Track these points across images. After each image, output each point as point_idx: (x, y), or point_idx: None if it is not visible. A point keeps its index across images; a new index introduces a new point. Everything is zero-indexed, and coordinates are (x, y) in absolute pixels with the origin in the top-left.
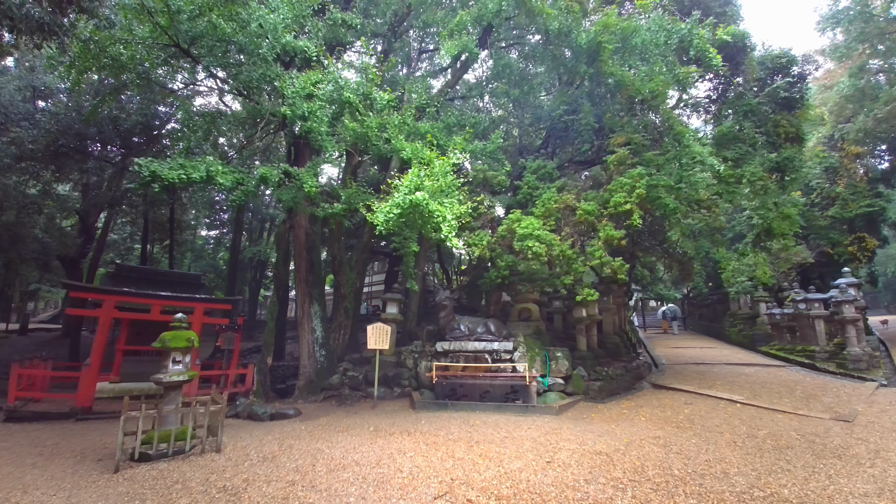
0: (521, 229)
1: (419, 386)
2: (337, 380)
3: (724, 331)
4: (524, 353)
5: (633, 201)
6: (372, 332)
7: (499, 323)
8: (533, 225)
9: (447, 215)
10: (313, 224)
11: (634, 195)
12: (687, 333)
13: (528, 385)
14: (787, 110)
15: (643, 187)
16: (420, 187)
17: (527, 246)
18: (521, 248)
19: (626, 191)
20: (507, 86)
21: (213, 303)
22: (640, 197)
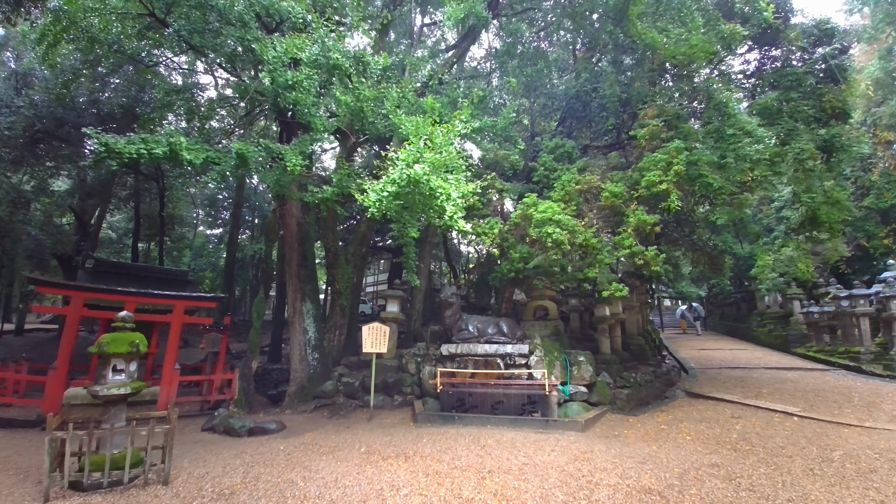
0: (538, 214)
1: (423, 394)
2: (331, 387)
3: (751, 331)
4: (541, 358)
5: (669, 180)
6: (368, 333)
7: (512, 323)
8: (552, 209)
9: (452, 192)
10: (306, 213)
11: (672, 173)
12: (709, 334)
13: (547, 395)
14: (832, 83)
15: (682, 163)
16: (420, 160)
17: (546, 233)
18: (540, 235)
19: (662, 168)
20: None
21: (195, 300)
22: (678, 175)
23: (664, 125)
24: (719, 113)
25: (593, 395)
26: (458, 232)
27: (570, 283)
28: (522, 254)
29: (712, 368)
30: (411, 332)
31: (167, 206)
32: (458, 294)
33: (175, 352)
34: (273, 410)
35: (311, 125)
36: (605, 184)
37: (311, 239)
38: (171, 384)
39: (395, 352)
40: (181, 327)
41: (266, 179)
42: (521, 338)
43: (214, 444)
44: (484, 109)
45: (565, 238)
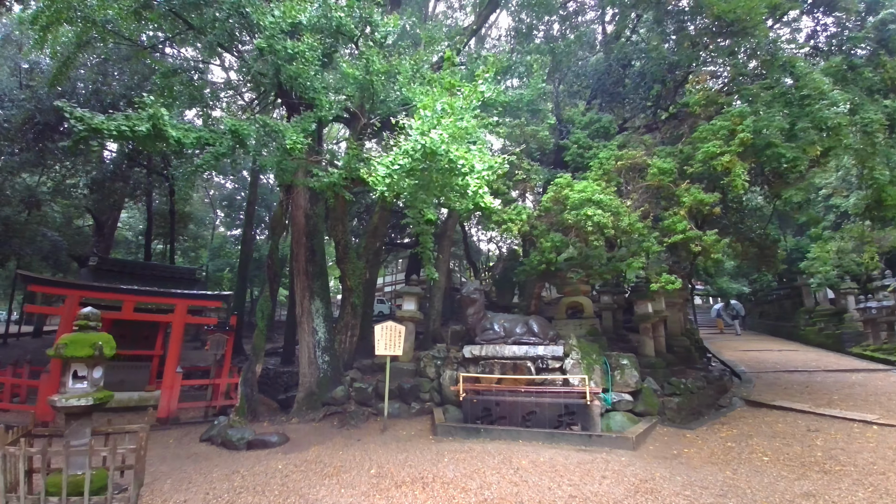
0: (575, 194)
1: (443, 401)
2: (341, 393)
3: (798, 330)
4: (578, 361)
5: (733, 150)
6: (381, 333)
7: (543, 321)
8: (592, 188)
9: (475, 164)
10: (314, 205)
11: (735, 142)
12: (749, 334)
13: (588, 405)
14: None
15: (748, 130)
16: (437, 127)
17: (584, 216)
18: (577, 219)
19: (722, 138)
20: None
21: (198, 299)
22: (743, 144)
23: (722, 89)
24: (786, 73)
25: (639, 403)
26: (484, 211)
27: (610, 275)
28: (555, 243)
29: (766, 372)
30: (430, 332)
31: (180, 203)
32: (481, 290)
33: (177, 354)
34: (279, 418)
35: (316, 102)
36: (652, 159)
37: (320, 232)
38: (173, 389)
39: (413, 354)
40: (184, 327)
41: (266, 163)
42: (554, 338)
43: (208, 459)
44: (507, 82)
45: (608, 221)
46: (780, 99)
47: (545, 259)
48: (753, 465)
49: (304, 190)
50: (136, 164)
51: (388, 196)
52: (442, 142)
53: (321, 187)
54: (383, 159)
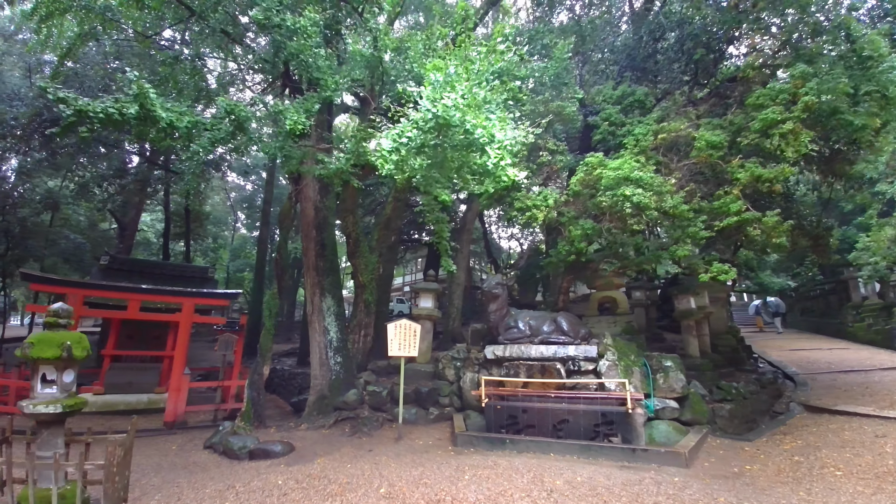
0: (610, 172)
1: (463, 406)
2: (354, 397)
3: (846, 326)
4: (615, 362)
5: (796, 117)
6: (395, 332)
7: (573, 318)
8: (629, 165)
9: (495, 133)
10: (324, 197)
11: (799, 107)
12: (790, 332)
13: (630, 413)
14: None
15: (812, 93)
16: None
17: (622, 196)
18: (613, 201)
19: (782, 102)
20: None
21: (205, 297)
22: (808, 109)
23: (776, 52)
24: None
25: (685, 411)
26: (508, 186)
27: (649, 265)
28: (585, 230)
29: (820, 373)
30: (449, 331)
31: (196, 203)
32: (504, 284)
33: (184, 355)
34: (287, 424)
35: (320, 82)
36: (697, 132)
37: (330, 226)
38: (180, 391)
39: (430, 355)
40: (192, 327)
41: (268, 149)
42: (586, 337)
43: (206, 469)
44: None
45: (650, 201)
46: (840, 63)
47: (574, 249)
48: (827, 481)
49: (313, 181)
50: (150, 162)
51: (397, 178)
52: (456, 109)
53: (328, 175)
54: (389, 133)
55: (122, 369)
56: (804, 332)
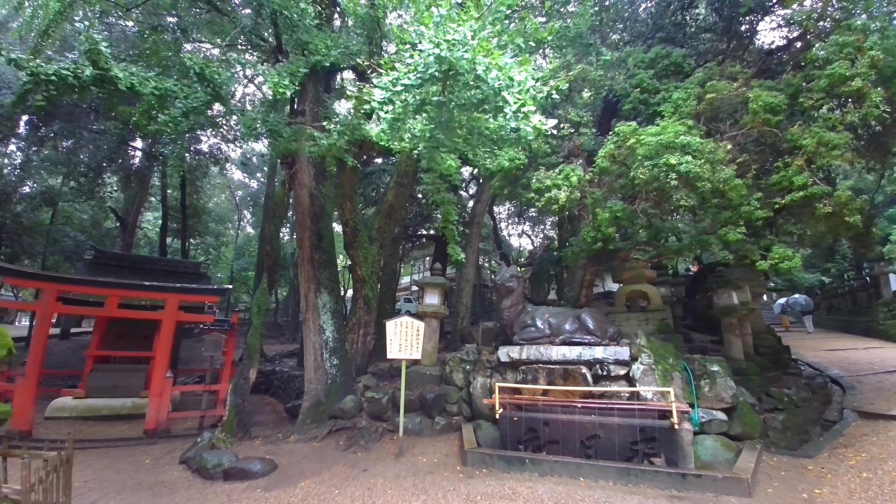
0: (649, 138)
1: (474, 415)
2: (351, 404)
3: (876, 324)
4: (651, 366)
5: (864, 74)
6: (395, 331)
7: (599, 315)
8: (673, 129)
9: (514, 75)
10: (320, 183)
11: (864, 63)
12: (820, 331)
13: (675, 428)
14: None
15: (877, 48)
16: (458, 24)
17: (666, 167)
18: (653, 174)
19: (848, 57)
20: None
21: (191, 293)
22: (874, 65)
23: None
24: None
25: (735, 423)
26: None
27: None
28: (614, 213)
29: (864, 375)
30: (457, 331)
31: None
32: (519, 277)
33: (166, 357)
34: (275, 435)
35: (309, 45)
36: (753, 92)
37: (327, 215)
38: (162, 396)
39: (437, 357)
40: (175, 326)
41: (249, 123)
42: (615, 336)
43: (173, 491)
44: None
45: (703, 171)
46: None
47: (601, 235)
48: None
49: (307, 166)
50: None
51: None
52: (464, 47)
53: (319, 153)
54: (380, 80)
55: (107, 371)
56: (832, 330)
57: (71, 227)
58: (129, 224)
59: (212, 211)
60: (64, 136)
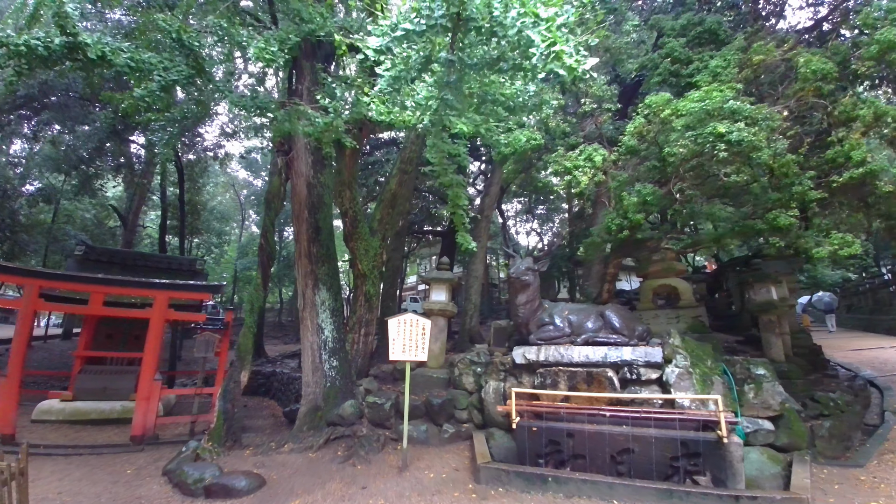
0: (691, 105)
1: (486, 423)
2: (351, 409)
3: None
4: (687, 369)
5: None
6: (398, 330)
7: (625, 312)
8: (718, 94)
9: (539, 10)
10: (318, 172)
11: None
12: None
13: (723, 441)
14: None
15: None
16: None
17: (714, 136)
18: (699, 145)
19: None
20: None
21: (181, 290)
22: None
23: None
24: None
25: (781, 432)
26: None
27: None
28: (644, 197)
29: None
30: (466, 330)
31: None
32: (535, 270)
33: (155, 358)
34: (268, 444)
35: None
36: (802, 57)
37: (326, 206)
38: (150, 400)
39: (444, 358)
40: (164, 325)
41: (238, 104)
42: (644, 336)
43: None
44: None
45: (760, 139)
46: None
47: (628, 223)
48: None
49: (305, 153)
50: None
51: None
52: None
53: (315, 133)
54: (376, 27)
55: (96, 373)
56: (854, 330)
57: (73, 225)
58: (130, 222)
59: (214, 209)
60: (53, 124)
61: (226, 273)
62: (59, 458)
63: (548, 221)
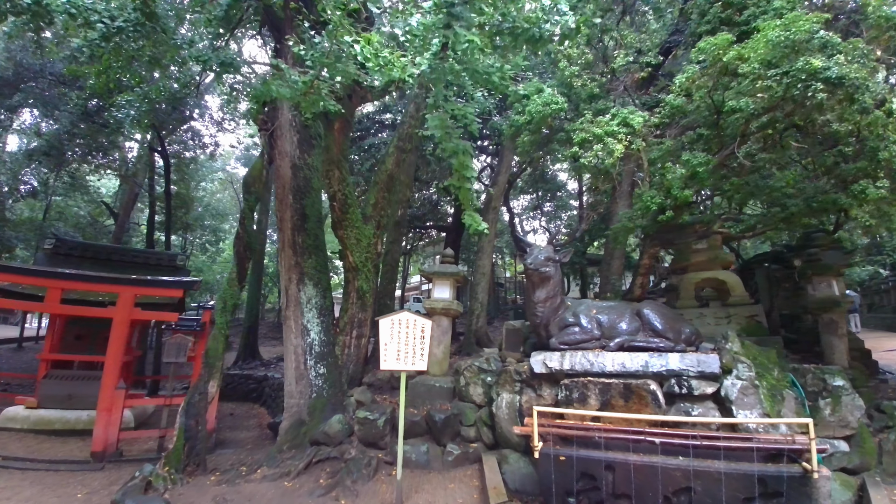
0: (776, 33)
1: (497, 442)
2: (338, 426)
3: None
4: (752, 381)
5: None
6: (391, 332)
7: (666, 311)
8: (806, 24)
9: None
10: (305, 152)
11: None
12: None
13: (811, 476)
14: None
15: None
16: None
17: (808, 72)
18: (794, 83)
19: None
20: None
21: (149, 286)
22: None
23: None
24: None
25: (854, 452)
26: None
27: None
28: (693, 167)
29: None
30: (472, 332)
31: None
32: (556, 260)
33: (118, 363)
34: (237, 469)
35: None
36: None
37: (314, 191)
38: (112, 411)
39: (448, 364)
40: (130, 325)
41: (197, 55)
42: (692, 339)
43: None
44: None
45: (864, 77)
46: None
47: (672, 201)
48: None
49: (289, 131)
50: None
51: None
52: None
53: (294, 97)
54: None
55: (62, 378)
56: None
57: (65, 223)
58: (121, 218)
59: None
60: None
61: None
62: (15, 471)
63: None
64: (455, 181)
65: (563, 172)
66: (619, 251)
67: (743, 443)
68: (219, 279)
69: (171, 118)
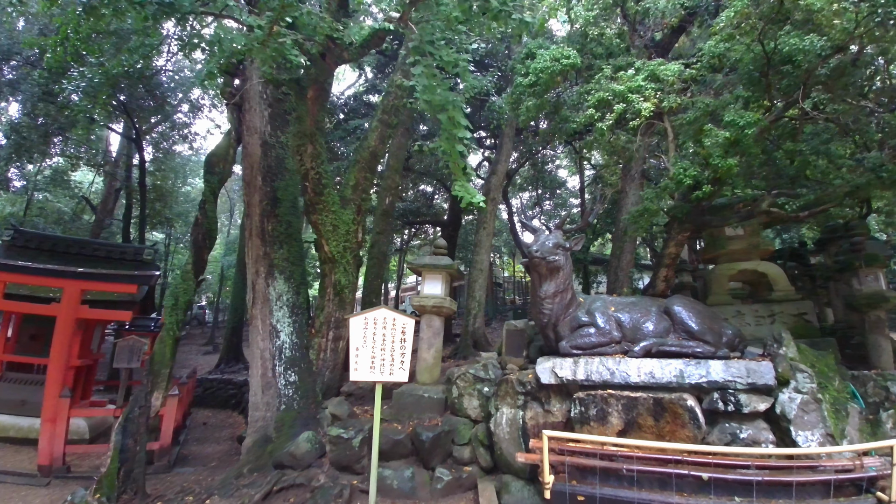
0: None
1: (496, 466)
2: (306, 446)
3: None
4: (814, 395)
5: None
6: (363, 334)
7: (700, 308)
8: None
9: None
10: (277, 127)
11: None
12: None
13: None
14: None
15: None
16: None
17: None
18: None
19: None
20: None
21: (98, 280)
22: None
23: None
24: None
25: None
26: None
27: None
28: (739, 129)
29: None
30: (468, 333)
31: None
32: (566, 248)
33: (62, 367)
34: (181, 499)
35: None
36: None
37: (288, 172)
38: (57, 422)
39: (439, 370)
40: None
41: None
42: (735, 343)
43: None
44: None
45: None
46: None
47: (710, 173)
48: None
49: (259, 104)
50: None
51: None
52: None
53: (254, 50)
54: None
55: (15, 382)
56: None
57: (45, 218)
58: (100, 212)
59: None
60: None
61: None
62: None
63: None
64: (444, 142)
65: (564, 169)
66: (630, 244)
67: (813, 474)
68: (209, 278)
69: (146, 104)
